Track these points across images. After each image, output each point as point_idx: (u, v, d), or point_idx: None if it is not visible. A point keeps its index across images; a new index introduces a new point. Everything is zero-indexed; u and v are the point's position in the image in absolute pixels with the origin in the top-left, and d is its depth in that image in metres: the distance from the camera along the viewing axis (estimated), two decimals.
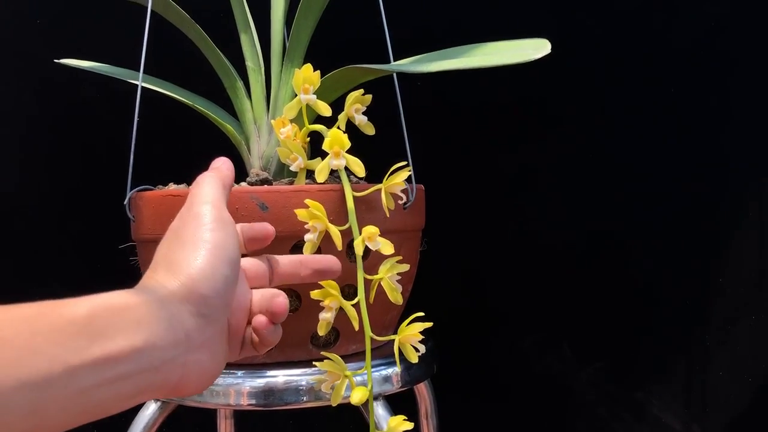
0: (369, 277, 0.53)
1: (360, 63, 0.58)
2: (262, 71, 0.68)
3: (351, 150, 0.55)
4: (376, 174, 0.58)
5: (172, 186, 0.63)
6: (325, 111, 0.57)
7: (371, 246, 0.53)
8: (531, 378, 0.93)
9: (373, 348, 0.52)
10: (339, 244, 0.53)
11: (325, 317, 0.52)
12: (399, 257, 0.53)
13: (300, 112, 0.57)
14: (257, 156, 0.66)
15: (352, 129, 0.57)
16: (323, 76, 0.58)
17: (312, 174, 0.56)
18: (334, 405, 0.52)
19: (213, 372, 0.40)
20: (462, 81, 0.90)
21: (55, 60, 0.75)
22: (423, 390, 0.70)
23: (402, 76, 0.66)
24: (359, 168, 0.55)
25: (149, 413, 0.61)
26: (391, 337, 0.53)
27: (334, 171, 0.55)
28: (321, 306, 0.52)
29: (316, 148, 0.58)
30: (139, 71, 0.64)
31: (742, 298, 0.88)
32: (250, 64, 0.68)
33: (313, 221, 0.53)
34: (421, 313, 0.52)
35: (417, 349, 0.53)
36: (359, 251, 0.52)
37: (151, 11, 0.64)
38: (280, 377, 0.57)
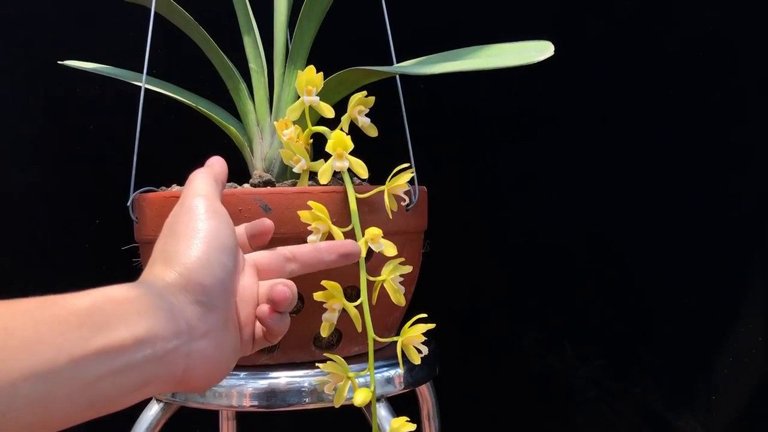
0: (372, 279, 0.53)
1: (363, 65, 0.58)
2: (265, 73, 0.68)
3: (354, 152, 0.55)
4: (378, 176, 0.58)
5: (175, 187, 0.64)
6: (328, 113, 0.57)
7: (374, 247, 0.53)
8: (532, 378, 0.93)
9: (376, 349, 0.52)
10: None
11: (328, 319, 0.52)
12: (401, 259, 0.54)
13: (303, 113, 0.57)
14: (260, 158, 0.66)
15: (355, 131, 0.57)
16: (326, 77, 0.58)
17: (315, 176, 0.56)
18: (337, 406, 0.52)
19: (220, 364, 0.40)
20: (465, 82, 0.90)
21: (59, 62, 0.75)
22: (425, 391, 0.70)
23: (405, 78, 0.66)
24: (362, 170, 0.55)
25: (152, 414, 0.61)
26: (394, 339, 0.53)
27: (337, 173, 0.55)
28: (324, 307, 0.52)
29: (319, 149, 0.58)
30: (143, 73, 0.64)
31: (744, 295, 0.88)
32: (253, 66, 0.68)
33: (316, 223, 0.53)
34: (424, 315, 0.52)
35: (420, 351, 0.53)
36: (362, 253, 0.52)
37: (155, 13, 0.64)
38: (282, 378, 0.57)
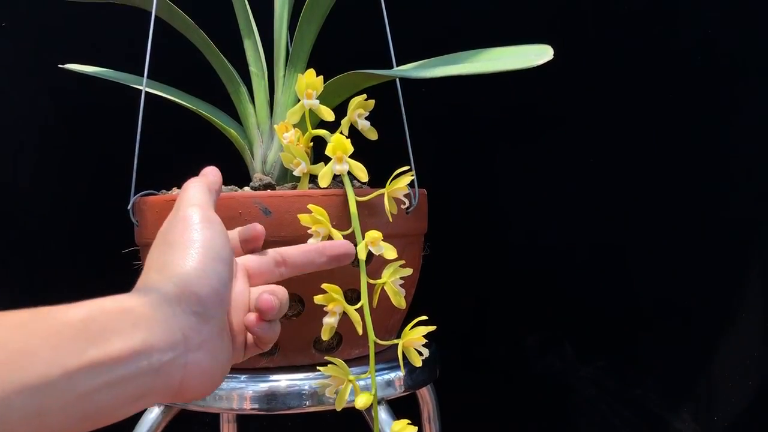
0: (372, 282, 0.53)
1: (363, 68, 0.58)
2: (265, 76, 0.68)
3: (354, 155, 0.55)
4: (379, 179, 0.58)
5: (175, 191, 0.64)
6: (328, 116, 0.57)
7: (374, 250, 0.53)
8: (533, 380, 0.93)
9: (376, 352, 0.52)
10: None
11: (329, 322, 0.52)
12: (402, 261, 0.54)
13: (303, 117, 0.57)
14: (260, 161, 0.66)
15: (355, 134, 0.57)
16: (326, 81, 0.58)
17: (315, 179, 0.56)
18: (338, 410, 0.52)
19: (215, 374, 0.40)
20: (465, 86, 0.90)
21: (60, 65, 0.75)
22: (425, 394, 0.70)
23: (405, 81, 0.66)
24: (362, 173, 0.55)
25: (153, 417, 0.61)
26: (395, 342, 0.53)
27: (337, 176, 0.55)
28: (324, 311, 0.52)
29: (319, 153, 0.58)
30: (144, 77, 0.64)
31: (744, 296, 0.88)
32: (253, 69, 0.69)
33: (316, 226, 0.53)
34: (425, 317, 0.52)
35: (420, 353, 0.53)
36: (362, 256, 0.52)
37: (156, 17, 0.64)
38: (282, 382, 0.57)
